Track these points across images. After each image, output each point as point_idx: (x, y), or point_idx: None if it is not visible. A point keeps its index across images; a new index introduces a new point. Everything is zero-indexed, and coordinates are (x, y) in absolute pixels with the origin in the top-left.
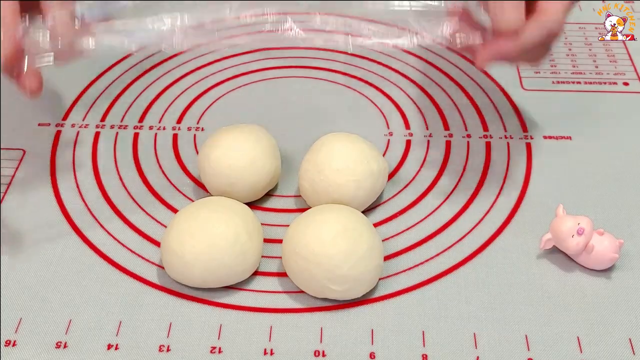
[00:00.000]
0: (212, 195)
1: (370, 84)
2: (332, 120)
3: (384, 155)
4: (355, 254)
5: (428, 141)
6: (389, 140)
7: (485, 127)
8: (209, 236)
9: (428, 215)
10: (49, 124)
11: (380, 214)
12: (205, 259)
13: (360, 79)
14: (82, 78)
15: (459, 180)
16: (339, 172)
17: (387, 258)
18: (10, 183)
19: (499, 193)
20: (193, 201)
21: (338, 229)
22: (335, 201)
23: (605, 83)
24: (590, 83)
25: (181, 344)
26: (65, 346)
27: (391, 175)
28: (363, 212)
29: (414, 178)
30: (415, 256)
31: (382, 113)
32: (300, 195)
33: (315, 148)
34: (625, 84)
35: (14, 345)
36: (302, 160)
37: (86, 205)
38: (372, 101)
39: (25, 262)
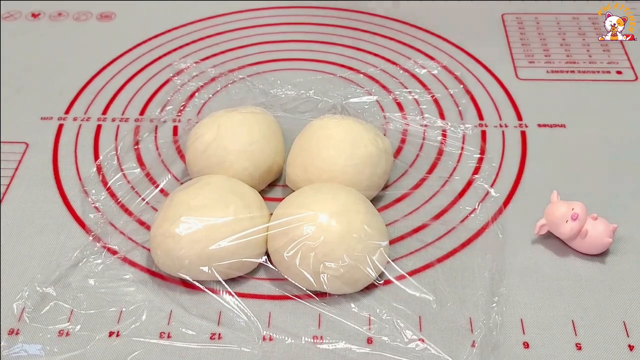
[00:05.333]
0: None
1: (368, 76)
2: (334, 111)
3: None
4: (351, 235)
5: (424, 130)
6: (385, 130)
7: (481, 116)
8: (208, 235)
9: (424, 204)
10: (52, 118)
11: (384, 198)
12: (205, 257)
13: (358, 71)
14: (84, 72)
15: (455, 167)
16: (334, 157)
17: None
18: (13, 176)
19: (495, 180)
20: None
21: (332, 210)
22: None
23: (598, 72)
24: (584, 72)
25: (181, 330)
26: (67, 334)
27: None
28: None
29: (411, 165)
30: (411, 243)
31: (380, 104)
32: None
33: (307, 131)
34: (619, 72)
35: (17, 333)
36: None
37: (88, 197)
38: (369, 92)
39: (27, 252)
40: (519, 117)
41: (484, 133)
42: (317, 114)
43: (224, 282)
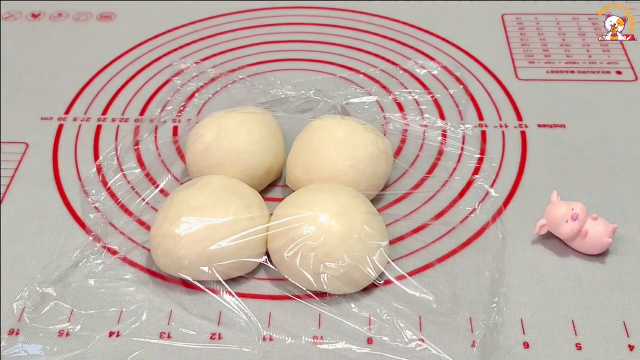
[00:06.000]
0: None
1: (368, 76)
2: (334, 112)
3: None
4: (351, 235)
5: (424, 131)
6: (385, 131)
7: (481, 116)
8: (208, 235)
9: (424, 204)
10: (52, 118)
11: (384, 198)
12: (206, 257)
13: (358, 72)
14: (84, 72)
15: (455, 168)
16: (335, 157)
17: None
18: (13, 176)
19: (495, 180)
20: None
21: (332, 210)
22: None
23: (598, 72)
24: (584, 72)
25: (181, 330)
26: (67, 334)
27: None
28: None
29: (411, 166)
30: (411, 243)
31: (380, 105)
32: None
33: (307, 131)
34: (618, 72)
35: (17, 334)
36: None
37: (88, 197)
38: (369, 93)
39: (27, 252)
40: (519, 117)
41: (484, 133)
42: (317, 114)
43: (224, 282)
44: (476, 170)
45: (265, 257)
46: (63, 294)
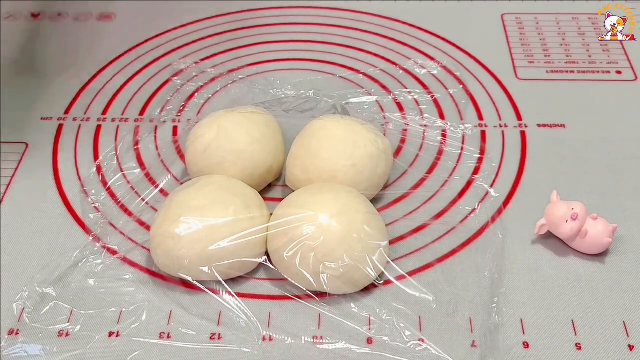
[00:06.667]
0: None
1: (368, 76)
2: (334, 112)
3: None
4: (351, 235)
5: (424, 131)
6: (385, 130)
7: (481, 116)
8: (208, 235)
9: (424, 204)
10: (51, 118)
11: (384, 198)
12: (206, 258)
13: (358, 72)
14: (84, 72)
15: (455, 167)
16: (334, 157)
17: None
18: (13, 176)
19: (495, 180)
20: None
21: (332, 210)
22: None
23: (598, 72)
24: (584, 72)
25: (181, 330)
26: (67, 334)
27: None
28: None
29: (411, 166)
30: (411, 243)
31: (380, 104)
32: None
33: (307, 131)
34: (618, 72)
35: (17, 334)
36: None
37: (88, 197)
38: (369, 92)
39: (27, 252)
40: (519, 117)
41: (483, 133)
42: (317, 114)
43: (224, 282)
44: (476, 170)
45: (265, 257)
46: (63, 294)
